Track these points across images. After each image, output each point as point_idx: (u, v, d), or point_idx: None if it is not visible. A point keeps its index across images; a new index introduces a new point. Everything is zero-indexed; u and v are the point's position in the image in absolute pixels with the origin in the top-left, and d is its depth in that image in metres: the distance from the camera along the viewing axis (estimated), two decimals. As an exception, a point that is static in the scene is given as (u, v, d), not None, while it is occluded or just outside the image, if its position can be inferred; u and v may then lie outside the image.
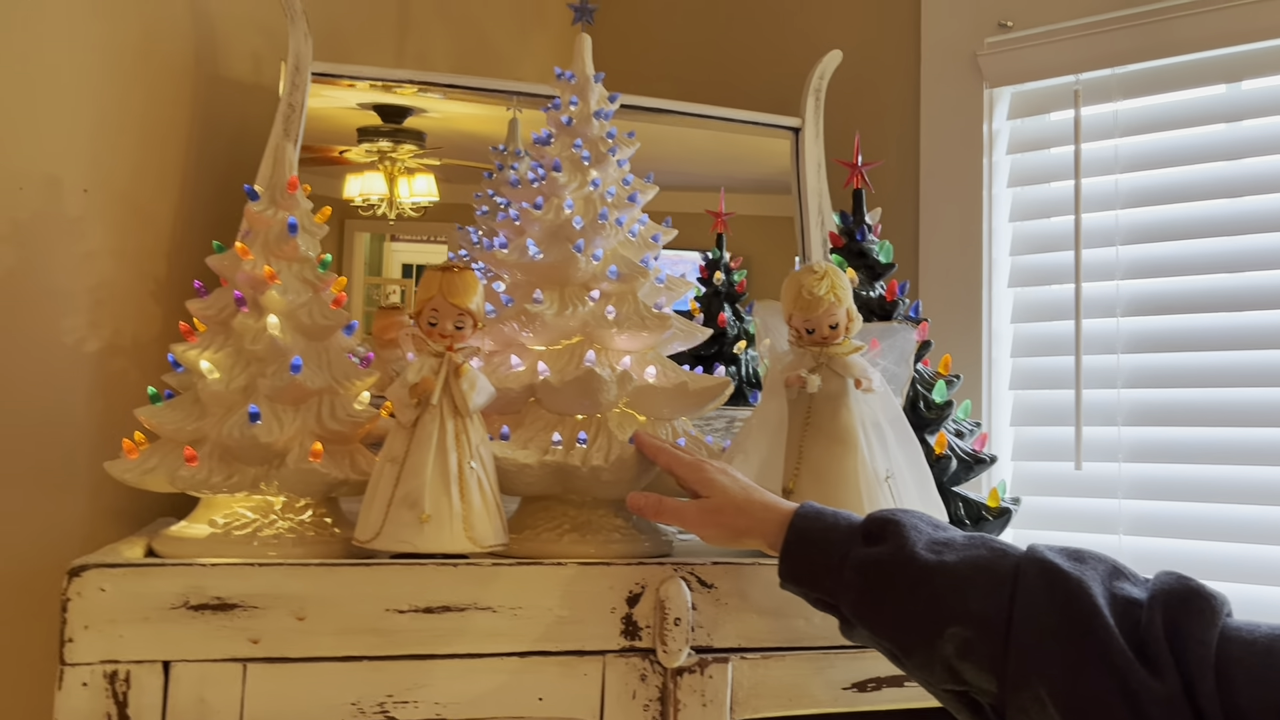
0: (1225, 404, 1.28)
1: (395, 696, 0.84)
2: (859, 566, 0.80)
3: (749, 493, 0.90)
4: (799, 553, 0.84)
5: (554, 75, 1.81)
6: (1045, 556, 0.74)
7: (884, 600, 0.79)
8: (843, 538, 0.83)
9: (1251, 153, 1.31)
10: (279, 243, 1.00)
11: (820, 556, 0.83)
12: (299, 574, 0.83)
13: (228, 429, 0.94)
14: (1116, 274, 1.36)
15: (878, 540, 0.81)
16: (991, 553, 0.77)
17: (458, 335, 0.95)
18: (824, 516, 0.85)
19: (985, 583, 0.74)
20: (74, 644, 0.78)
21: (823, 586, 0.83)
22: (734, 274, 1.51)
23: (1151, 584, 0.72)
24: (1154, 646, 0.68)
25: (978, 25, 1.46)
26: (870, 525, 0.83)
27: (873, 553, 0.80)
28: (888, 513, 0.83)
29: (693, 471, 0.93)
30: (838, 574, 0.81)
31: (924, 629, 0.76)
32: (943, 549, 0.78)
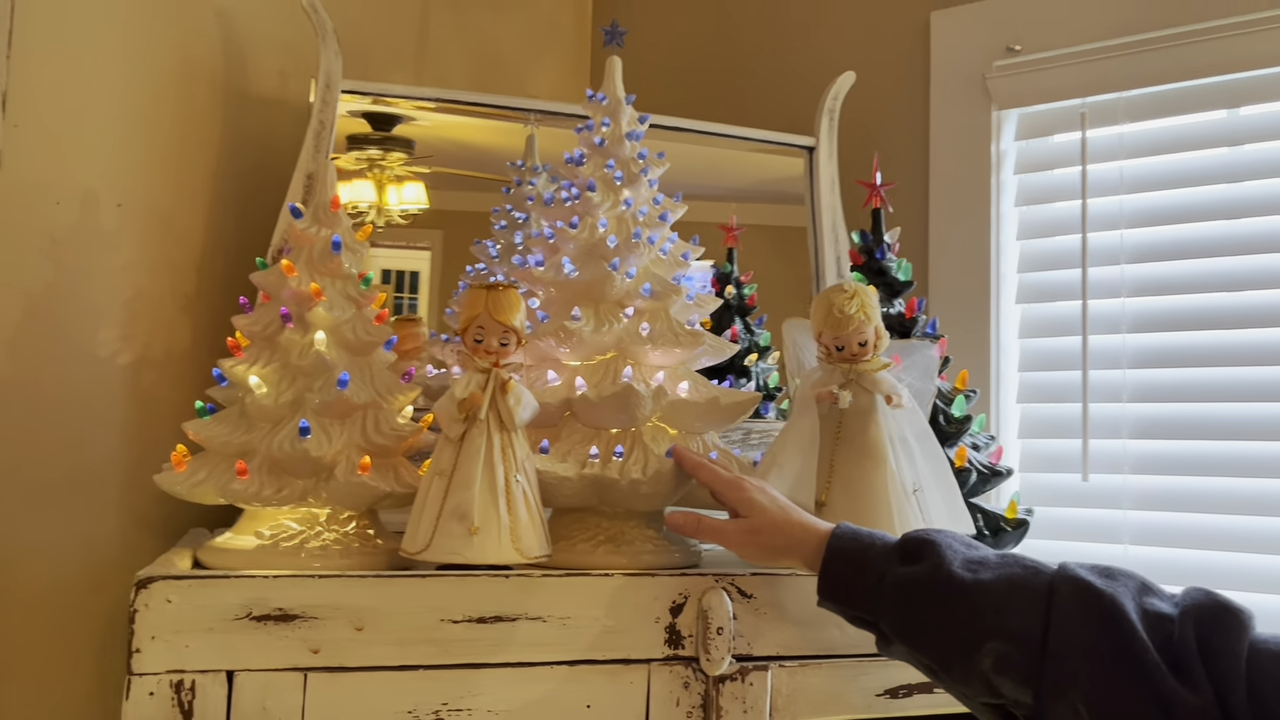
0: (1227, 418, 1.32)
1: (450, 704, 0.86)
2: (898, 585, 0.83)
3: (787, 513, 0.93)
4: (837, 572, 0.87)
5: (565, 91, 1.85)
6: (1078, 574, 0.78)
7: (923, 618, 0.81)
8: (880, 557, 0.86)
9: (1250, 176, 1.36)
10: (323, 260, 1.02)
11: (859, 576, 0.86)
12: (357, 585, 0.85)
13: (278, 443, 0.96)
14: (1122, 291, 1.40)
15: (915, 559, 0.84)
16: (1026, 570, 0.80)
17: (503, 351, 0.98)
18: (860, 537, 0.88)
19: (1022, 600, 0.78)
20: (141, 654, 0.80)
21: (861, 605, 0.86)
22: (744, 288, 1.54)
23: (1181, 599, 0.76)
24: (1187, 659, 0.71)
25: (987, 48, 1.50)
26: (907, 545, 0.86)
27: (911, 572, 0.83)
28: (923, 533, 0.86)
29: (732, 490, 0.96)
30: (876, 593, 0.84)
31: (963, 645, 0.79)
32: (978, 567, 0.81)
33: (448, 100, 1.39)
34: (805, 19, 1.70)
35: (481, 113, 1.45)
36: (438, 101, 1.39)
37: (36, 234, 1.16)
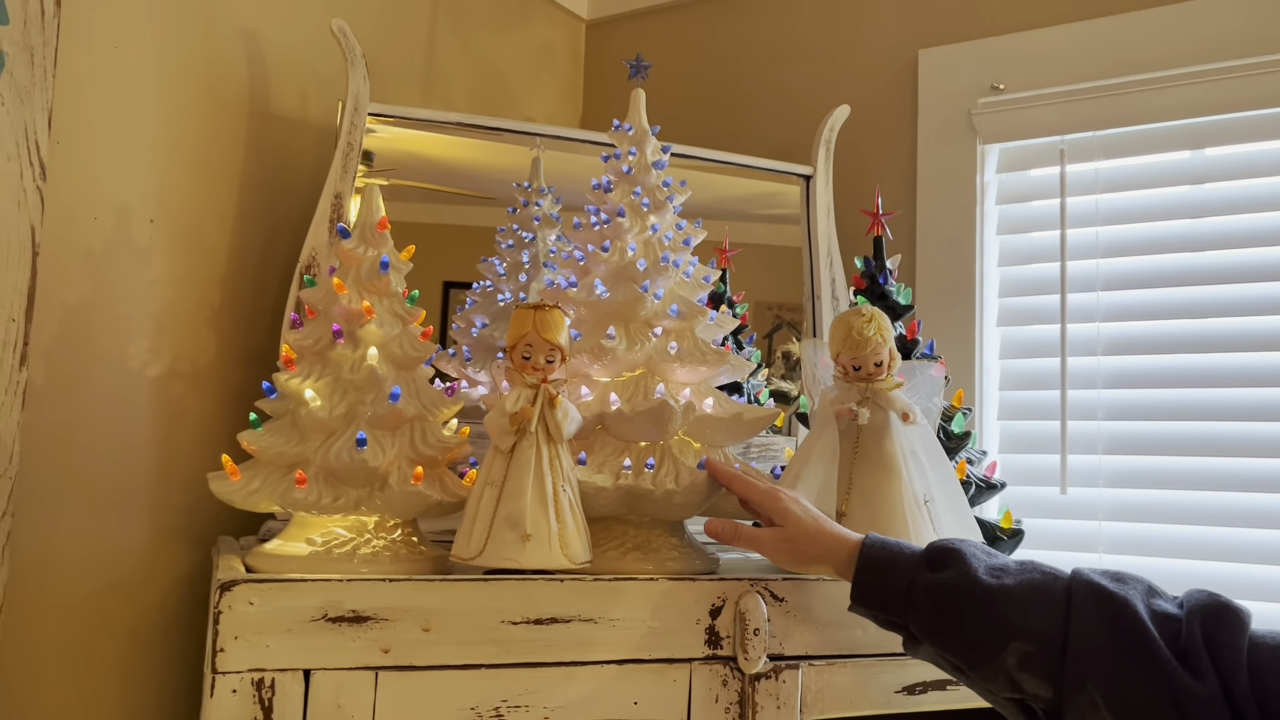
0: (1195, 435, 1.43)
1: (509, 701, 0.91)
2: (929, 590, 0.89)
3: (820, 523, 0.99)
4: (870, 579, 0.93)
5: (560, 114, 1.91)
6: (1093, 579, 0.86)
7: (953, 620, 0.88)
8: (909, 565, 0.92)
9: (1213, 212, 1.47)
10: (371, 278, 1.07)
11: (890, 581, 0.92)
12: (425, 589, 0.90)
13: (335, 453, 1.00)
14: (1096, 317, 1.51)
15: (942, 567, 0.90)
16: (1045, 576, 0.88)
17: (548, 368, 1.03)
18: (889, 546, 0.95)
19: (1043, 603, 0.85)
20: (225, 653, 0.83)
21: (892, 609, 0.92)
22: (736, 308, 1.61)
23: (1185, 600, 0.84)
24: (1194, 654, 0.79)
25: (972, 86, 1.60)
26: (934, 553, 0.92)
27: (940, 578, 0.89)
28: (948, 542, 0.93)
29: (768, 500, 1.02)
30: (906, 597, 0.90)
31: (989, 645, 0.85)
32: (1001, 574, 0.88)
33: (468, 124, 1.45)
34: (801, 53, 1.78)
35: (492, 136, 1.50)
36: (459, 125, 1.44)
37: (75, 248, 1.19)
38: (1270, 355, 1.39)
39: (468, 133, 1.48)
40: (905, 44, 1.68)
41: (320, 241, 1.31)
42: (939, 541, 0.94)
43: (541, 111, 1.89)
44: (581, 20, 1.98)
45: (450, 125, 1.44)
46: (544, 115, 1.88)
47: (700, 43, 1.89)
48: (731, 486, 1.06)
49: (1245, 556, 1.37)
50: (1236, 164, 1.45)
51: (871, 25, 1.72)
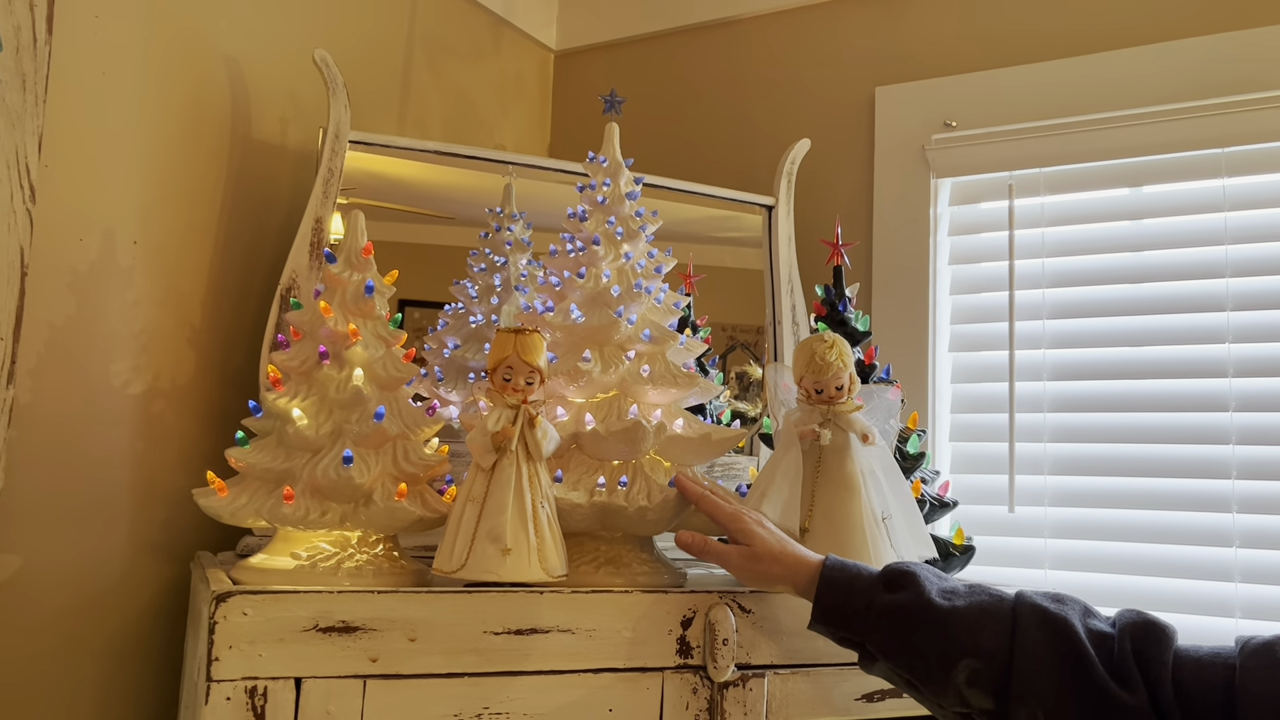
0: (1135, 457, 1.51)
1: (491, 708, 0.96)
2: (885, 610, 0.95)
3: (783, 544, 1.05)
4: (830, 600, 0.98)
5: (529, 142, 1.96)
6: (1035, 601, 0.93)
7: (907, 639, 0.94)
8: (866, 586, 0.98)
9: (1151, 246, 1.55)
10: (356, 301, 1.11)
11: (849, 601, 0.97)
12: (412, 600, 0.94)
13: (321, 470, 1.04)
14: (1044, 343, 1.59)
15: (898, 588, 0.97)
16: (992, 598, 0.95)
17: (528, 390, 1.08)
18: (848, 568, 1.00)
19: (991, 624, 0.92)
20: (220, 662, 0.87)
21: (850, 627, 0.97)
22: (700, 331, 1.67)
23: (1117, 619, 0.92)
24: (1125, 668, 0.87)
25: (925, 123, 1.68)
26: (890, 576, 0.98)
27: (896, 599, 0.95)
28: (903, 565, 0.99)
29: (733, 521, 1.07)
30: (864, 617, 0.96)
31: (941, 662, 0.92)
32: (952, 596, 0.95)
33: (445, 153, 1.49)
34: (764, 88, 1.85)
35: (467, 164, 1.55)
36: (436, 154, 1.48)
37: (61, 268, 1.22)
38: (1204, 381, 1.48)
39: (444, 160, 1.52)
40: (863, 81, 1.76)
41: (301, 264, 1.35)
42: (894, 565, 1.00)
43: (512, 139, 1.94)
44: (550, 51, 2.03)
45: (428, 153, 1.48)
46: (514, 143, 1.93)
47: (665, 75, 1.95)
48: (700, 505, 1.11)
49: (1181, 572, 1.45)
50: (1173, 201, 1.54)
51: (831, 63, 1.80)
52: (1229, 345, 1.46)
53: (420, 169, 1.54)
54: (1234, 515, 1.43)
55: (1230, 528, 1.43)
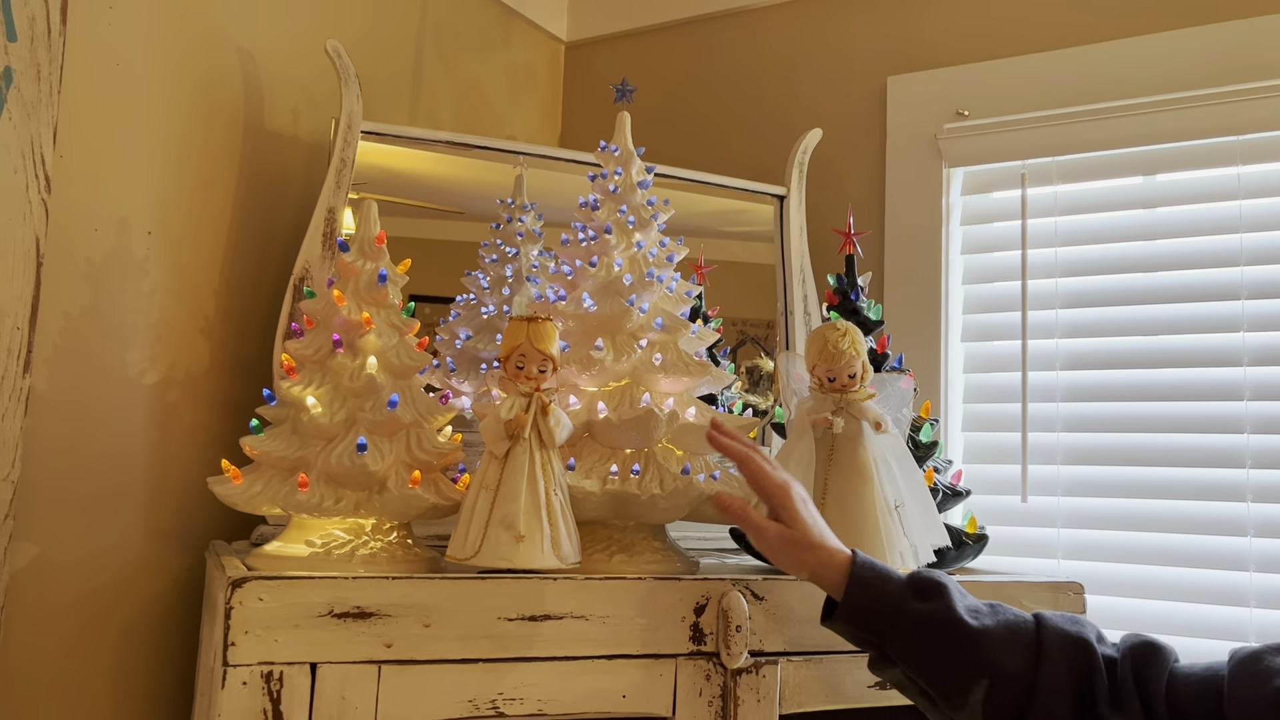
0: (1148, 446, 1.50)
1: (505, 694, 0.96)
2: (916, 619, 0.94)
3: (822, 533, 1.01)
4: (860, 599, 0.96)
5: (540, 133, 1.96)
6: (1058, 624, 0.95)
7: (934, 651, 0.94)
8: (896, 590, 0.96)
9: (1164, 235, 1.55)
10: (369, 290, 1.12)
11: (878, 604, 0.96)
12: (426, 586, 0.94)
13: (335, 457, 1.04)
14: (1056, 333, 1.58)
15: (927, 597, 0.95)
16: (1016, 619, 0.96)
17: (541, 377, 1.08)
18: (877, 569, 0.98)
19: (1017, 645, 0.93)
20: (236, 647, 0.87)
21: (875, 630, 0.96)
22: (711, 322, 1.67)
23: (1121, 644, 0.94)
24: (1125, 694, 0.90)
25: (938, 112, 1.68)
26: (920, 583, 0.97)
27: (927, 609, 0.95)
28: (932, 574, 0.98)
29: (780, 494, 1.02)
30: (892, 621, 0.95)
31: (963, 678, 0.92)
32: (979, 614, 0.95)
33: (457, 143, 1.49)
34: (775, 78, 1.85)
35: (478, 154, 1.55)
36: (448, 144, 1.49)
37: (77, 258, 1.22)
38: (1219, 370, 1.47)
39: (455, 151, 1.52)
40: (875, 71, 1.75)
41: (314, 254, 1.35)
42: (923, 572, 0.99)
43: (522, 130, 1.94)
44: (561, 42, 2.03)
45: (439, 144, 1.49)
46: (525, 134, 1.94)
47: (676, 66, 1.95)
48: (744, 467, 1.05)
49: (1195, 562, 1.45)
50: (1187, 189, 1.54)
51: (843, 52, 1.79)
52: (1244, 334, 1.46)
53: (430, 163, 1.54)
54: (1248, 504, 1.42)
55: (1245, 517, 1.43)
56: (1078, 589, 1.22)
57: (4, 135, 1.12)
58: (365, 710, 0.91)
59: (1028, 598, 1.19)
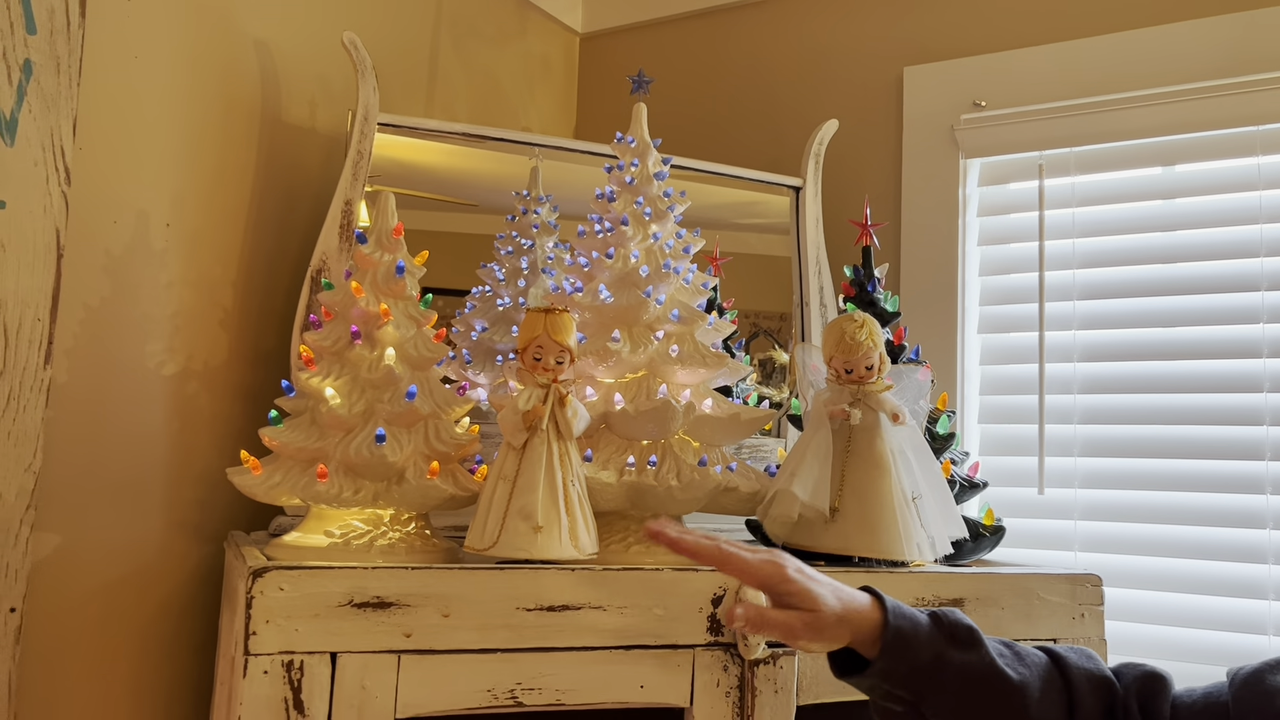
0: (1166, 438, 1.49)
1: (523, 684, 0.96)
2: (958, 674, 0.89)
3: (843, 600, 0.90)
4: (901, 655, 0.88)
5: (555, 124, 1.96)
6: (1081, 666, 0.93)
7: (976, 707, 0.88)
8: (930, 638, 0.90)
9: (1183, 226, 1.54)
10: (387, 282, 1.12)
11: (916, 658, 0.89)
12: (445, 576, 0.95)
13: (355, 448, 1.05)
14: (1073, 325, 1.57)
15: (965, 646, 0.90)
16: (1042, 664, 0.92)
17: (558, 369, 1.08)
18: (906, 615, 0.91)
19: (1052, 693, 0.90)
20: (257, 636, 0.88)
21: (912, 686, 0.89)
22: (727, 314, 1.67)
23: (1124, 677, 0.93)
24: None
25: (954, 102, 1.67)
26: (952, 629, 0.91)
27: (967, 661, 0.89)
28: (960, 616, 0.93)
29: (782, 583, 0.89)
30: (931, 676, 0.88)
31: None
32: (1012, 661, 0.91)
33: (473, 135, 1.49)
34: (790, 69, 1.84)
35: (494, 146, 1.55)
36: (464, 136, 1.49)
37: (96, 250, 1.23)
38: (1238, 362, 1.46)
39: (471, 143, 1.52)
40: (891, 61, 1.74)
41: (331, 246, 1.35)
42: (950, 615, 0.93)
43: (537, 122, 1.94)
44: (576, 34, 2.03)
45: (456, 135, 1.49)
46: (539, 126, 1.93)
47: (691, 58, 1.95)
48: (725, 568, 0.90)
49: (1213, 554, 1.44)
50: (1206, 180, 1.53)
51: (859, 43, 1.79)
52: (1264, 325, 1.45)
53: (444, 155, 1.54)
54: (1268, 497, 1.42)
55: (1264, 510, 1.42)
56: (1096, 581, 1.22)
57: (24, 128, 1.13)
58: (385, 699, 0.92)
59: (1046, 590, 1.18)
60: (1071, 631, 1.20)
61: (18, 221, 1.12)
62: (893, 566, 1.15)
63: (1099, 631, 1.21)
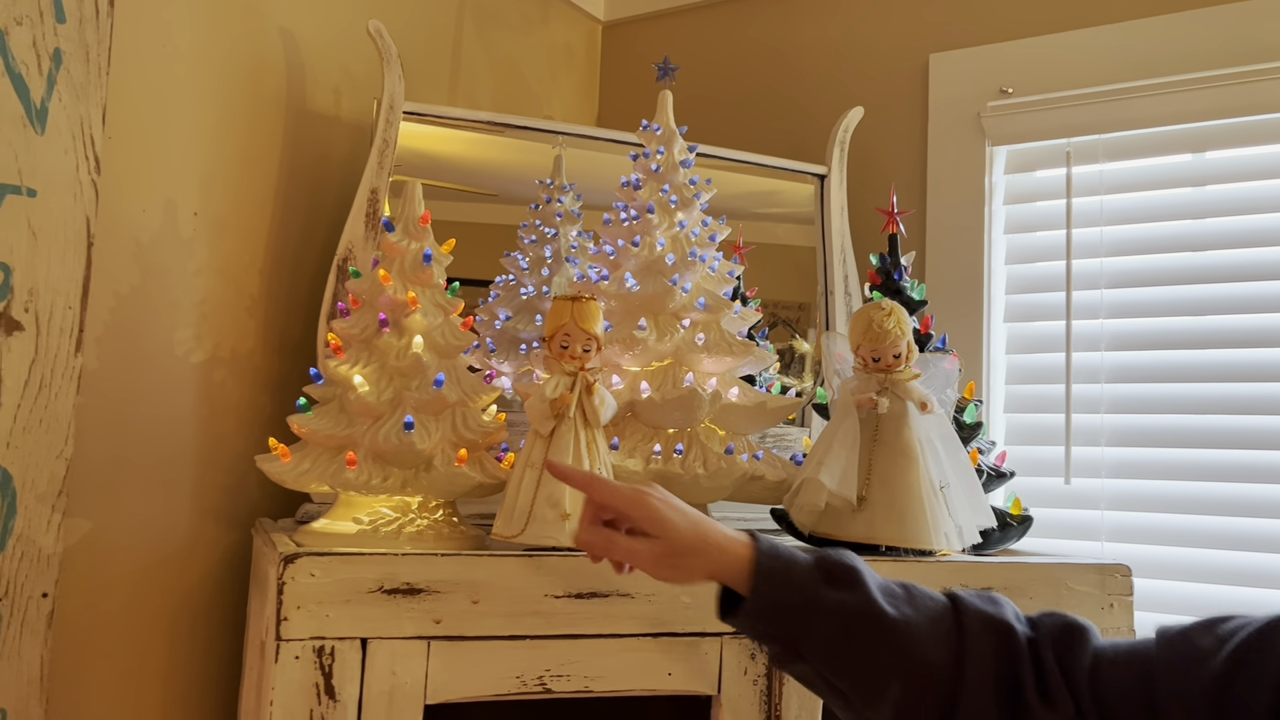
0: (1195, 428, 1.48)
1: (552, 671, 0.97)
2: (832, 612, 0.84)
3: (700, 530, 0.88)
4: (769, 594, 0.85)
5: (578, 112, 1.96)
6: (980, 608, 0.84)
7: (851, 647, 0.83)
8: (806, 578, 0.85)
9: (1213, 213, 1.52)
10: (415, 270, 1.12)
11: (788, 597, 0.85)
12: (475, 563, 0.95)
13: (383, 436, 1.05)
14: (1101, 313, 1.56)
15: (841, 585, 0.85)
16: (936, 605, 0.85)
17: (585, 357, 1.08)
18: (782, 555, 0.87)
19: (940, 635, 0.83)
20: (289, 622, 0.88)
21: (784, 626, 0.85)
22: (750, 302, 1.66)
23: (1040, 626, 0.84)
24: (1052, 683, 0.80)
25: (981, 89, 1.65)
26: (830, 568, 0.86)
27: (843, 600, 0.84)
28: (842, 556, 0.88)
29: (637, 508, 0.89)
30: (804, 616, 0.84)
31: (882, 674, 0.82)
32: (896, 600, 0.85)
33: (497, 123, 1.49)
34: (815, 56, 1.83)
35: (518, 134, 1.55)
36: (488, 124, 1.49)
37: (125, 239, 1.24)
38: (1268, 351, 1.44)
39: (495, 131, 1.52)
40: (917, 48, 1.73)
41: (357, 234, 1.36)
42: (831, 554, 0.88)
43: (560, 111, 1.94)
44: (598, 22, 2.03)
45: (481, 124, 1.49)
46: (562, 114, 1.93)
47: (713, 45, 1.94)
48: (590, 490, 0.92)
49: (1243, 545, 1.43)
50: (1236, 167, 1.51)
51: (884, 29, 1.77)
52: (1295, 314, 1.43)
53: (466, 145, 1.54)
54: (1298, 487, 1.41)
55: (1294, 500, 1.41)
56: (1125, 571, 1.21)
57: (55, 116, 1.13)
58: (415, 685, 0.92)
59: (1074, 580, 1.18)
60: (1100, 622, 1.19)
61: (49, 210, 1.12)
62: (920, 556, 1.14)
63: (1128, 622, 1.20)
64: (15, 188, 1.10)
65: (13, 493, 1.09)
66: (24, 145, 1.11)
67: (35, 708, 1.11)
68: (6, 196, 1.10)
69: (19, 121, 1.11)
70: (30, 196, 1.11)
